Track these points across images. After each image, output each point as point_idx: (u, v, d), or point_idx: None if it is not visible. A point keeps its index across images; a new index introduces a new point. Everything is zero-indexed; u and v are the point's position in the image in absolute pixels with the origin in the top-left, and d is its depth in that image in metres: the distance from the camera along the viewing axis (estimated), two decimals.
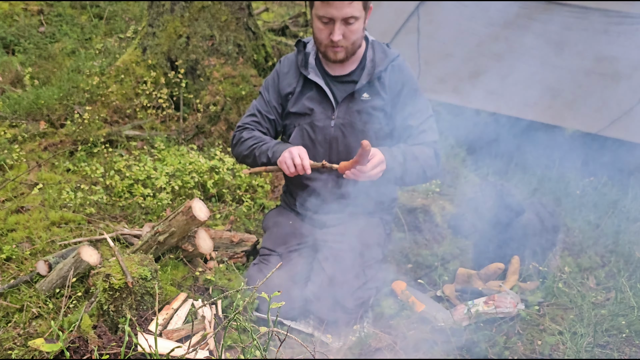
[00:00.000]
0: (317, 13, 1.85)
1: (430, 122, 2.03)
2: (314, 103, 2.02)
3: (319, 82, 1.99)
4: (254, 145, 2.04)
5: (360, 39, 1.92)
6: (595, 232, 2.55)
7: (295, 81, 2.05)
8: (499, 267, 2.10)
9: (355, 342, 1.87)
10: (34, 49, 4.47)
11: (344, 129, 2.01)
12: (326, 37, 1.86)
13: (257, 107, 2.12)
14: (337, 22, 1.81)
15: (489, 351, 1.77)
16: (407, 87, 2.01)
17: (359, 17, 1.83)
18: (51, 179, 2.87)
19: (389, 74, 2.00)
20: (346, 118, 2.00)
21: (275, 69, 2.13)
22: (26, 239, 2.40)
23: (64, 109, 3.46)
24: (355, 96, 2.00)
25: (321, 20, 1.84)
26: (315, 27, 1.89)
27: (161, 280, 1.97)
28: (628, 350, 1.75)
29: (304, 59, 2.03)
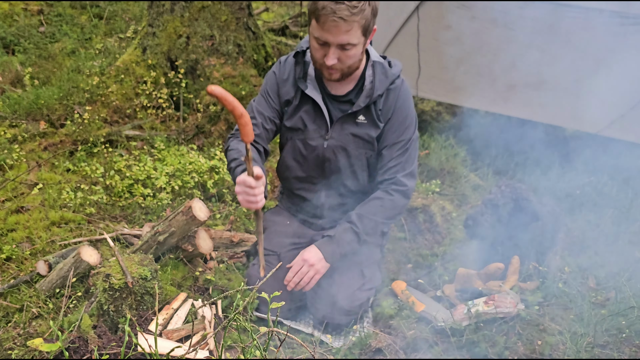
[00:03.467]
0: (312, 32, 1.72)
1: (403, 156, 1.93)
2: (309, 118, 1.93)
3: (316, 99, 1.89)
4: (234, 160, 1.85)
5: (358, 62, 1.79)
6: (595, 232, 2.55)
7: (293, 91, 1.94)
8: (499, 267, 2.10)
9: (355, 342, 1.87)
10: (34, 49, 4.47)
11: (337, 152, 1.93)
12: (320, 58, 1.75)
13: (256, 109, 1.97)
14: (333, 46, 1.69)
15: (489, 351, 1.77)
16: (396, 115, 1.90)
17: (356, 44, 1.69)
18: (51, 179, 2.87)
19: (384, 99, 1.90)
20: (340, 140, 1.92)
21: (273, 71, 1.99)
22: (26, 238, 2.40)
23: (64, 108, 3.46)
24: (351, 118, 1.90)
25: (316, 41, 1.71)
26: (311, 45, 1.77)
27: (161, 280, 1.97)
28: (628, 350, 1.75)
29: (303, 70, 1.91)
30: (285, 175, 2.09)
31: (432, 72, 3.40)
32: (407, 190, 1.95)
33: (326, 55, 1.71)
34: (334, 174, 1.99)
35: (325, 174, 1.99)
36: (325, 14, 1.62)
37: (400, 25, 3.34)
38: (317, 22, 1.66)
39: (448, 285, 2.12)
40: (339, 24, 1.62)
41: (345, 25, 1.63)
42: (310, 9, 1.68)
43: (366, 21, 1.67)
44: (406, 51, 3.40)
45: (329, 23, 1.63)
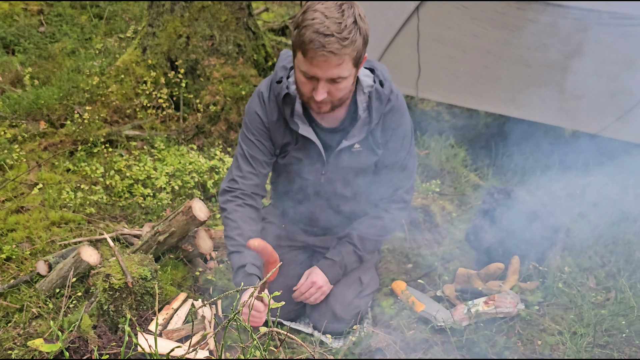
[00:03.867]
0: (299, 66, 1.55)
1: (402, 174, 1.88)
2: (303, 155, 1.82)
3: (311, 137, 1.75)
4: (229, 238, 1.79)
5: (349, 93, 1.64)
6: (595, 232, 2.55)
7: (288, 134, 1.79)
8: (499, 267, 2.10)
9: (355, 342, 1.87)
10: (34, 48, 4.47)
11: (335, 184, 1.87)
12: (308, 92, 1.59)
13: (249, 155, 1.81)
14: (322, 81, 1.53)
15: (489, 351, 1.77)
16: (394, 136, 1.81)
17: (347, 76, 1.55)
18: (51, 179, 2.87)
19: (381, 124, 1.78)
20: (337, 173, 1.84)
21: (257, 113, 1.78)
22: (26, 238, 2.40)
23: (64, 108, 3.46)
24: (346, 149, 1.79)
25: (304, 75, 1.55)
26: (298, 78, 1.60)
27: (161, 280, 1.97)
28: (628, 350, 1.75)
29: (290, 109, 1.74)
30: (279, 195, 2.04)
31: (432, 72, 3.40)
32: (407, 205, 1.95)
33: (315, 89, 1.56)
34: (332, 199, 1.94)
35: (322, 202, 1.94)
36: (314, 47, 1.46)
37: (400, 25, 3.34)
38: (304, 56, 1.50)
39: (448, 285, 2.13)
40: (328, 59, 1.47)
41: (336, 59, 1.48)
42: (295, 42, 1.52)
43: (357, 52, 1.52)
44: (406, 51, 3.40)
45: (318, 58, 1.47)
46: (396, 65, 3.51)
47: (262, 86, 1.82)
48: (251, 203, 1.84)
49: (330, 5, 1.47)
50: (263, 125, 1.79)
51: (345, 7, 1.48)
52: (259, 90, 1.81)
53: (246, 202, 1.83)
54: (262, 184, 1.88)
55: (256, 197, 1.86)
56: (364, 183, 1.91)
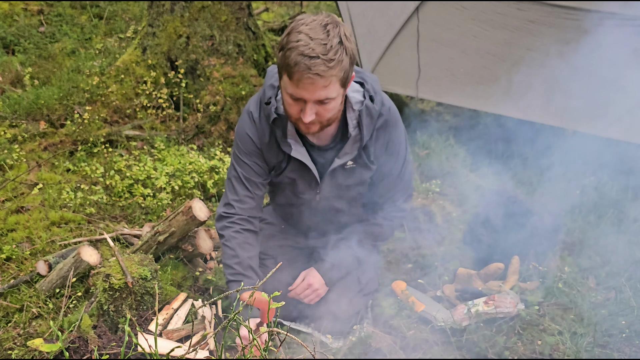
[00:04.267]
0: (285, 89, 1.52)
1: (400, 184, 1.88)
2: (297, 175, 1.80)
3: (303, 159, 1.73)
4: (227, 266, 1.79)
5: (338, 112, 1.61)
6: (595, 232, 2.55)
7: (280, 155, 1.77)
8: (499, 267, 2.10)
9: (355, 342, 1.87)
10: (34, 48, 4.47)
11: (330, 201, 1.87)
12: (296, 113, 1.56)
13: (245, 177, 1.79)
14: (310, 102, 1.50)
15: (489, 351, 1.77)
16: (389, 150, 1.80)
17: (335, 97, 1.52)
18: (51, 179, 2.87)
19: (374, 140, 1.75)
20: (331, 191, 1.83)
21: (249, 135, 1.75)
22: (26, 238, 2.40)
23: (64, 108, 3.46)
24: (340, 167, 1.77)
25: (290, 97, 1.52)
26: (285, 100, 1.56)
27: (161, 280, 1.97)
28: (628, 350, 1.75)
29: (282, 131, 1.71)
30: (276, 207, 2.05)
31: (432, 73, 3.40)
32: (405, 214, 1.97)
33: (302, 110, 1.52)
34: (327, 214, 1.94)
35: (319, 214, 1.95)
36: (299, 70, 1.43)
37: (400, 26, 3.34)
38: (289, 79, 1.47)
39: (448, 285, 2.13)
40: (315, 81, 1.44)
41: (322, 81, 1.45)
42: (281, 64, 1.48)
43: (344, 73, 1.48)
44: (406, 52, 3.40)
45: (304, 80, 1.44)
46: (396, 66, 3.51)
47: (251, 105, 1.78)
48: (249, 227, 1.82)
49: (315, 26, 1.44)
50: (255, 147, 1.76)
51: (330, 28, 1.45)
52: (249, 109, 1.77)
53: (244, 228, 1.81)
54: (258, 205, 1.85)
55: (253, 220, 1.84)
56: (359, 196, 1.92)
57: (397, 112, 1.79)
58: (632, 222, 2.54)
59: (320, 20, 1.46)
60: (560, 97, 2.86)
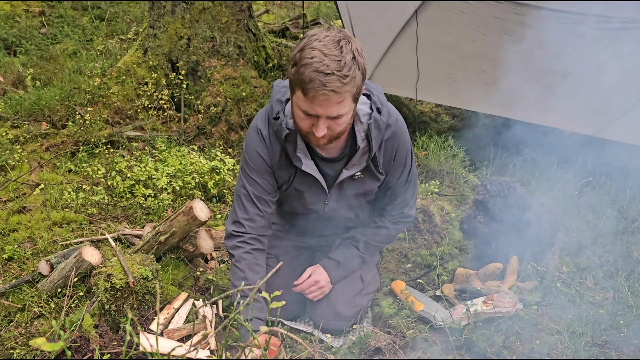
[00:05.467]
0: (298, 104, 1.52)
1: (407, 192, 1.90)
2: (306, 188, 1.81)
3: (313, 173, 1.73)
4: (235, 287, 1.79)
5: (348, 125, 1.62)
6: (593, 232, 2.56)
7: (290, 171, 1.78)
8: (498, 267, 2.11)
9: (355, 342, 1.88)
10: (36, 50, 4.49)
11: (338, 211, 1.88)
12: (307, 128, 1.56)
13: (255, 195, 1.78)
14: (322, 118, 1.51)
15: (488, 350, 1.78)
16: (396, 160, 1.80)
17: (347, 112, 1.53)
18: (53, 180, 2.88)
19: (383, 152, 1.76)
20: (340, 201, 1.85)
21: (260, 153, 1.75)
22: (28, 239, 2.41)
23: (65, 109, 3.48)
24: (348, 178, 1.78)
25: (303, 112, 1.53)
26: (296, 114, 1.57)
27: (162, 280, 1.98)
28: (626, 350, 1.76)
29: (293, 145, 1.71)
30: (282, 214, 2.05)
31: (430, 76, 3.42)
32: (412, 219, 2.00)
33: (314, 125, 1.54)
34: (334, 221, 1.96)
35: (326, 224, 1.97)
36: (314, 87, 1.43)
37: (399, 29, 3.36)
38: (304, 95, 1.47)
39: (447, 285, 2.13)
40: (330, 97, 1.45)
41: (337, 97, 1.46)
42: (294, 80, 1.48)
43: (357, 89, 1.50)
44: (405, 55, 3.42)
45: (319, 97, 1.45)
46: (395, 68, 3.52)
47: (258, 122, 1.76)
48: (258, 247, 1.83)
49: (328, 42, 1.44)
50: (266, 165, 1.76)
51: (344, 44, 1.45)
52: (256, 127, 1.76)
53: (254, 248, 1.81)
54: (268, 223, 1.85)
55: (263, 239, 1.85)
56: (367, 205, 1.95)
57: (403, 123, 1.80)
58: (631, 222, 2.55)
59: (333, 36, 1.46)
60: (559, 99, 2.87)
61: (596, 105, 2.71)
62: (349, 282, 1.97)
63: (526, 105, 3.02)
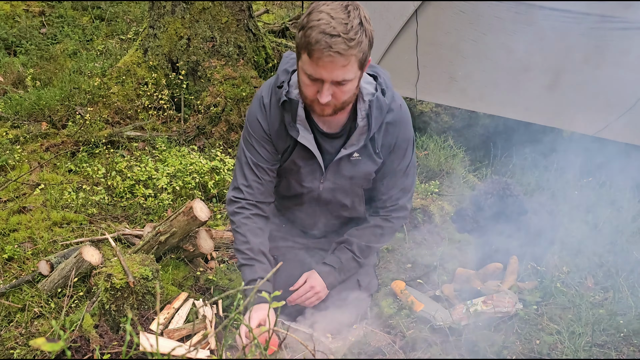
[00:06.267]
0: (304, 68, 1.53)
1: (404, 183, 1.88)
2: (302, 162, 1.81)
3: (309, 145, 1.73)
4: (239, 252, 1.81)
5: (353, 96, 1.63)
6: (593, 232, 2.56)
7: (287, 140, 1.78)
8: (498, 267, 2.11)
9: (355, 342, 1.88)
10: (36, 50, 4.49)
11: (333, 192, 1.87)
12: (312, 95, 1.57)
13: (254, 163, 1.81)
14: (327, 83, 1.52)
15: (488, 350, 1.78)
16: (397, 147, 1.80)
17: (352, 78, 1.54)
18: (53, 180, 2.88)
19: (383, 134, 1.76)
20: (335, 182, 1.83)
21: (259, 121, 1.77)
22: (28, 239, 2.41)
23: (65, 110, 3.48)
24: (346, 157, 1.78)
25: (308, 77, 1.53)
26: (302, 80, 1.58)
27: (162, 280, 1.98)
28: (626, 350, 1.76)
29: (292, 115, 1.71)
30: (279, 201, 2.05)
31: (430, 76, 3.42)
32: (407, 214, 1.97)
33: (319, 91, 1.54)
34: (330, 207, 1.95)
35: (321, 208, 1.95)
36: (320, 48, 1.44)
37: (399, 29, 3.36)
38: (309, 57, 1.48)
39: (447, 285, 2.13)
40: (334, 59, 1.46)
41: (342, 60, 1.46)
42: (301, 43, 1.49)
43: (363, 54, 1.50)
44: (405, 55, 3.42)
45: (324, 59, 1.45)
46: (395, 68, 3.52)
47: (263, 90, 1.79)
48: (258, 212, 1.84)
49: (336, 7, 1.46)
50: (264, 133, 1.77)
51: (351, 9, 1.47)
52: (260, 94, 1.78)
53: (253, 213, 1.83)
54: (267, 191, 1.86)
55: (263, 206, 1.85)
56: (363, 192, 1.92)
57: (407, 111, 1.81)
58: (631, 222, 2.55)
59: (342, 2, 1.48)
60: (559, 99, 2.88)
61: (597, 105, 2.71)
62: (346, 287, 1.96)
63: (526, 104, 3.02)
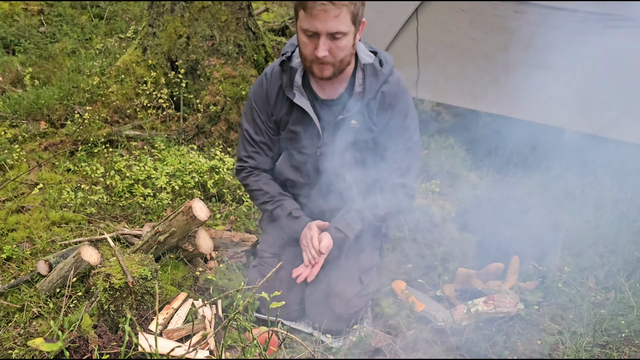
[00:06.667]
0: (301, 25, 1.66)
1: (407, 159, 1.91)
2: (299, 127, 1.89)
3: (305, 108, 1.84)
4: (266, 203, 1.99)
5: (350, 56, 1.73)
6: (595, 232, 2.55)
7: (282, 104, 1.89)
8: (499, 267, 2.10)
9: (355, 342, 1.87)
10: (35, 49, 4.48)
11: (331, 159, 1.91)
12: (311, 53, 1.68)
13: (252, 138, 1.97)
14: (323, 36, 1.62)
15: (489, 351, 1.77)
16: (394, 117, 1.87)
17: (347, 32, 1.63)
18: (52, 179, 2.87)
19: (378, 101, 1.83)
20: (333, 147, 1.89)
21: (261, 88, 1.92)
22: (27, 238, 2.40)
23: (64, 109, 3.47)
24: (343, 123, 1.86)
25: (305, 33, 1.65)
26: (300, 40, 1.70)
27: (161, 280, 1.97)
28: (627, 350, 1.76)
29: (289, 79, 1.84)
30: (281, 180, 2.08)
31: (431, 74, 3.42)
32: (413, 193, 1.98)
33: (316, 47, 1.64)
34: (330, 179, 1.96)
35: (322, 179, 1.97)
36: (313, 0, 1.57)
37: (400, 27, 3.35)
38: (304, 12, 1.61)
39: (448, 285, 2.13)
40: (327, 9, 1.57)
41: (334, 9, 1.57)
42: (296, 2, 1.63)
43: (355, 7, 1.61)
44: (405, 54, 3.41)
45: (317, 8, 1.57)
46: (396, 66, 3.52)
47: (267, 67, 1.96)
48: (263, 171, 2.03)
49: None
50: (263, 100, 1.91)
51: None
52: (264, 71, 1.95)
53: (258, 172, 2.02)
54: (267, 161, 2.02)
55: (266, 169, 2.04)
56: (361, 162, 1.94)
57: (405, 88, 1.90)
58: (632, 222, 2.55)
59: None
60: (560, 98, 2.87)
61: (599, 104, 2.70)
62: (348, 283, 1.96)
63: (527, 103, 3.02)
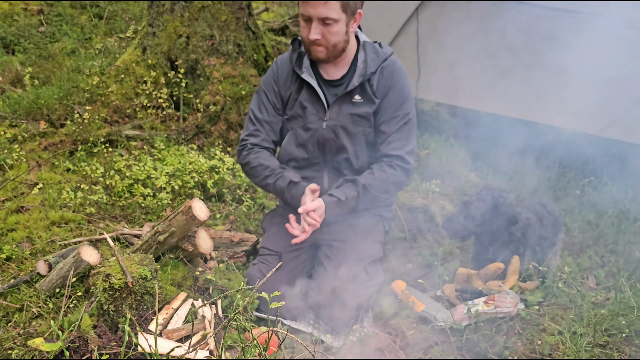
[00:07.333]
0: (300, 13, 1.90)
1: (403, 132, 2.02)
2: (307, 103, 2.03)
3: (312, 82, 2.00)
4: (267, 177, 2.03)
5: (343, 42, 1.92)
6: (595, 232, 2.55)
7: (292, 84, 2.05)
8: (499, 267, 2.10)
9: (355, 342, 1.87)
10: (34, 48, 4.47)
11: (336, 131, 2.02)
12: (306, 36, 1.90)
13: (256, 116, 2.09)
14: (314, 20, 1.84)
15: (489, 351, 1.77)
16: (392, 90, 2.01)
17: (337, 19, 1.83)
18: (51, 179, 2.87)
19: (378, 76, 2.00)
20: (338, 120, 2.01)
21: (272, 71, 2.11)
22: (26, 238, 2.40)
23: (64, 108, 3.46)
24: (346, 98, 2.00)
25: (302, 17, 1.87)
26: (300, 26, 1.93)
27: (161, 280, 1.97)
28: (628, 350, 1.76)
29: (299, 59, 2.03)
30: (286, 160, 2.13)
31: (431, 74, 3.42)
32: (410, 168, 2.04)
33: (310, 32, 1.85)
34: (334, 155, 2.06)
35: (326, 155, 2.07)
36: None
37: (400, 27, 3.35)
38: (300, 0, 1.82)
39: (448, 285, 2.13)
40: None
41: None
42: None
43: None
44: (406, 53, 3.42)
45: None
46: None
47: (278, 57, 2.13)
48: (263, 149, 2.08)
49: None
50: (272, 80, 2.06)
51: None
52: (275, 60, 2.13)
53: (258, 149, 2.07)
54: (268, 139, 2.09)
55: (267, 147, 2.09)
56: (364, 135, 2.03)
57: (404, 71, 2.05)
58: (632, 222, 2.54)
59: None
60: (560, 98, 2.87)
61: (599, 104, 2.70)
62: (354, 272, 1.99)
63: (527, 104, 3.01)
